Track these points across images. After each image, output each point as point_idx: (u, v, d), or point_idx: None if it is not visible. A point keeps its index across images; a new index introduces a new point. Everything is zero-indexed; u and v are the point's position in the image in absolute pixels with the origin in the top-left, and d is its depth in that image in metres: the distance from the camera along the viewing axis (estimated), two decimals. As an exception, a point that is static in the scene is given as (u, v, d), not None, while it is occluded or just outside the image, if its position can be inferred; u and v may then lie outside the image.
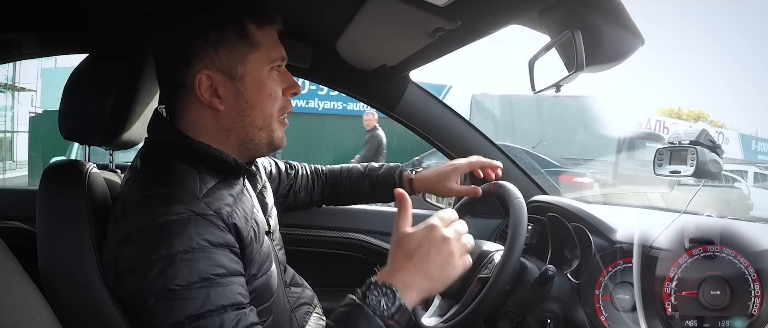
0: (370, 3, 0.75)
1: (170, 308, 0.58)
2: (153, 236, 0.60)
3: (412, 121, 1.22)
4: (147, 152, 0.72)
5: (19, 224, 0.96)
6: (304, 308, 0.88)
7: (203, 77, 0.67)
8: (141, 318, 0.61)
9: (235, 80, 0.69)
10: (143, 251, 0.60)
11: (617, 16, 0.65)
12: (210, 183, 0.67)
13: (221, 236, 0.63)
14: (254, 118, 0.70)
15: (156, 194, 0.63)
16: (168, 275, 0.58)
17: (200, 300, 0.58)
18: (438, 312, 0.94)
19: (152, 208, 0.61)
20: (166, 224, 0.60)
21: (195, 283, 0.58)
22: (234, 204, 0.67)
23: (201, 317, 0.58)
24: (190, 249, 0.59)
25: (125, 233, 0.62)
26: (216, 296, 0.59)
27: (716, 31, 49.40)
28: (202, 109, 0.69)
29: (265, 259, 0.72)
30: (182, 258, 0.59)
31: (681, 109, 20.83)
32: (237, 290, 0.62)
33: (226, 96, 0.69)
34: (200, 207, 0.63)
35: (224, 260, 0.62)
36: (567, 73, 0.68)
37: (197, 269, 0.59)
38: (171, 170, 0.67)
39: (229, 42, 0.68)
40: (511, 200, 0.90)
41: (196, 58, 0.67)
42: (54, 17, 0.91)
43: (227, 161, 0.70)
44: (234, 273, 0.62)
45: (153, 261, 0.58)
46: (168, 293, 0.58)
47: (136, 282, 0.60)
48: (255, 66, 0.69)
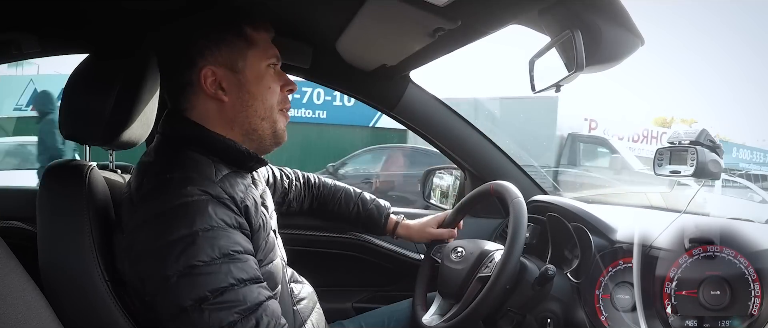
0: (370, 3, 0.75)
1: (193, 284, 0.60)
2: (173, 217, 0.62)
3: (412, 121, 1.22)
4: (160, 144, 0.74)
5: (19, 224, 0.96)
6: (304, 302, 0.89)
7: (208, 72, 0.71)
8: (158, 299, 0.62)
9: (237, 73, 0.73)
10: (163, 232, 0.62)
11: (617, 16, 0.65)
12: (224, 171, 0.70)
13: (235, 218, 0.66)
14: (256, 108, 0.74)
15: (173, 177, 0.66)
16: (190, 252, 0.60)
17: (223, 274, 0.61)
18: (438, 311, 0.94)
19: (171, 191, 0.64)
20: (185, 204, 0.63)
21: (217, 258, 0.61)
22: (246, 192, 0.71)
23: (224, 290, 0.61)
24: (210, 227, 0.62)
25: (144, 216, 0.64)
26: (237, 270, 0.62)
27: (716, 31, 49.44)
28: (208, 102, 0.73)
29: (271, 249, 0.75)
30: (204, 236, 0.61)
31: (674, 118, 20.85)
32: (253, 267, 0.66)
33: (230, 88, 0.72)
34: (216, 190, 0.66)
35: (240, 239, 0.65)
36: (567, 73, 0.68)
37: (218, 245, 0.62)
38: (186, 158, 0.70)
39: (229, 40, 0.72)
40: (511, 198, 0.90)
41: (200, 56, 0.71)
42: (54, 17, 0.91)
43: (241, 151, 0.73)
44: (249, 252, 0.66)
45: (174, 240, 0.61)
46: (192, 270, 0.60)
47: (155, 262, 0.61)
48: (254, 61, 0.74)
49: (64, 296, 0.64)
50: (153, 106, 0.82)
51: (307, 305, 0.89)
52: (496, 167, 1.24)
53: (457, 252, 0.96)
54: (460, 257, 0.94)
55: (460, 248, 0.96)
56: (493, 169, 1.23)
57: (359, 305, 1.23)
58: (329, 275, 1.18)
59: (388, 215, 1.11)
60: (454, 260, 0.95)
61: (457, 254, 0.95)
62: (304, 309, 0.87)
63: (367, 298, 1.25)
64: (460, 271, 0.92)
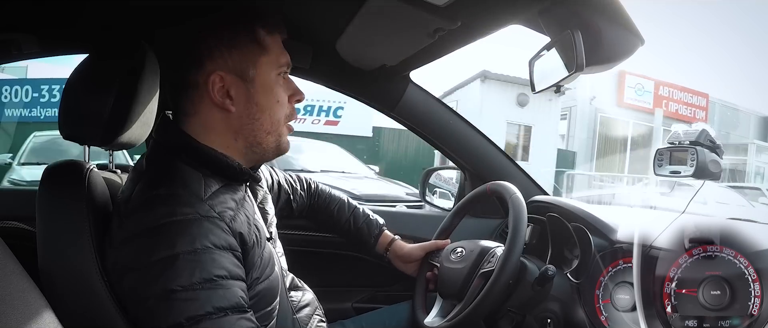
0: (370, 3, 0.75)
1: (170, 309, 0.57)
2: (156, 235, 0.60)
3: (412, 121, 1.22)
4: (152, 154, 0.72)
5: (19, 224, 0.96)
6: (305, 310, 0.88)
7: (216, 78, 0.68)
8: (139, 318, 0.61)
9: (247, 82, 0.69)
10: (145, 251, 0.59)
11: (617, 16, 0.65)
12: (214, 186, 0.67)
13: (224, 238, 0.62)
14: (263, 122, 0.71)
15: (160, 194, 0.63)
16: (169, 275, 0.58)
17: (201, 301, 0.58)
18: (440, 313, 0.94)
19: (156, 208, 0.61)
20: (169, 224, 0.60)
21: (196, 284, 0.58)
22: (237, 208, 0.67)
23: (201, 318, 0.57)
24: (193, 250, 0.59)
25: (129, 232, 0.62)
26: (217, 298, 0.59)
27: (716, 31, 49.45)
28: (213, 110, 0.70)
29: (267, 264, 0.72)
30: (185, 258, 0.58)
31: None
32: (238, 294, 0.61)
33: (238, 98, 0.69)
34: (204, 209, 0.63)
35: (226, 262, 0.61)
36: (567, 73, 0.68)
37: (199, 270, 0.58)
38: (176, 172, 0.67)
39: (242, 44, 0.69)
40: (510, 196, 0.90)
41: (209, 57, 0.68)
42: (54, 17, 0.91)
43: (232, 166, 0.70)
44: (236, 277, 0.62)
45: (154, 261, 0.58)
46: (169, 294, 0.57)
47: (136, 282, 0.60)
48: (265, 70, 0.71)
49: (64, 296, 0.64)
50: (152, 107, 0.82)
51: (308, 312, 0.88)
52: (496, 167, 1.24)
53: (457, 252, 0.96)
54: (460, 257, 0.94)
55: (459, 248, 0.96)
56: (493, 169, 1.23)
57: (359, 305, 1.23)
58: (329, 275, 1.18)
59: (380, 233, 1.08)
60: (454, 260, 0.95)
61: (457, 254, 0.95)
62: (304, 318, 0.86)
63: (367, 298, 1.24)
64: (461, 270, 0.92)
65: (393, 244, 1.08)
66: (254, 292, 0.68)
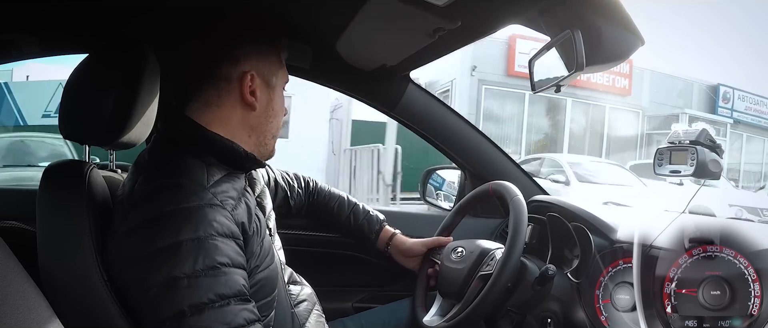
0: (370, 3, 0.75)
1: (173, 296, 0.58)
2: (160, 224, 0.61)
3: (412, 121, 1.22)
4: (155, 144, 0.73)
5: (19, 224, 0.96)
6: (303, 304, 0.88)
7: (251, 77, 0.73)
8: (141, 309, 0.61)
9: (270, 88, 0.76)
10: (150, 239, 0.60)
11: (617, 16, 0.65)
12: (217, 176, 0.69)
13: (227, 225, 0.64)
14: (273, 126, 0.78)
15: (164, 183, 0.65)
16: (173, 262, 0.59)
17: (204, 289, 0.59)
18: (439, 312, 0.94)
19: (161, 197, 0.63)
20: (174, 212, 0.61)
21: (200, 271, 0.59)
22: (238, 198, 0.69)
23: (204, 306, 0.58)
24: (196, 238, 0.60)
25: (133, 222, 0.63)
26: (219, 285, 0.60)
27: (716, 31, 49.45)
28: (236, 105, 0.73)
29: (267, 253, 0.74)
30: (189, 245, 0.59)
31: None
32: (240, 282, 0.63)
33: (261, 99, 0.75)
34: (207, 197, 0.64)
35: (229, 250, 0.63)
36: (567, 72, 0.68)
37: (203, 257, 0.60)
38: (179, 162, 0.68)
39: (270, 54, 0.77)
40: (511, 197, 0.90)
41: (244, 57, 0.73)
42: (54, 17, 0.91)
43: (238, 151, 0.72)
44: (238, 265, 0.63)
45: (159, 248, 0.59)
46: (173, 281, 0.58)
47: (140, 271, 0.60)
48: (280, 81, 0.79)
49: (64, 296, 0.64)
50: (153, 107, 0.82)
51: (306, 307, 0.88)
52: (496, 167, 1.24)
53: (457, 252, 0.96)
54: (460, 257, 0.94)
55: (460, 248, 0.96)
56: (493, 169, 1.23)
57: (359, 304, 1.22)
58: (329, 274, 1.18)
59: (380, 228, 1.10)
60: (455, 260, 0.95)
61: (457, 254, 0.95)
62: (303, 312, 0.86)
63: (367, 298, 1.24)
64: (461, 270, 0.92)
65: (394, 239, 1.09)
66: (254, 280, 0.69)
